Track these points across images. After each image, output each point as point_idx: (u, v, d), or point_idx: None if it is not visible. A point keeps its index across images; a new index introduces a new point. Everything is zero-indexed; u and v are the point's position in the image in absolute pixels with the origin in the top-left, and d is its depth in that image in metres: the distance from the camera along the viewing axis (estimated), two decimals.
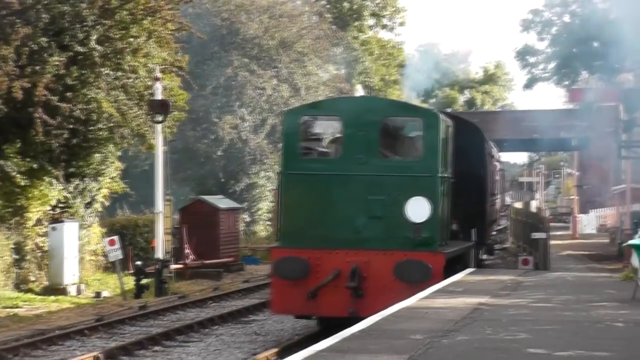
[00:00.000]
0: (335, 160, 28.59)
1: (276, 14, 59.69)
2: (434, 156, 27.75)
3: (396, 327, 18.69)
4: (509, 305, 22.86)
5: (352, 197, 27.49)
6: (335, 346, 16.54)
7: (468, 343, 17.16)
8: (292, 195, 28.05)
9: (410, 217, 27.07)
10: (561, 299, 24.44)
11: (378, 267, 26.89)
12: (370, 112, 28.07)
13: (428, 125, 28.08)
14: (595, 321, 20.40)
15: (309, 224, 27.75)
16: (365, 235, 27.35)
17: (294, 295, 26.89)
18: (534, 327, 19.20)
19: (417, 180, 27.57)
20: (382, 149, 28.05)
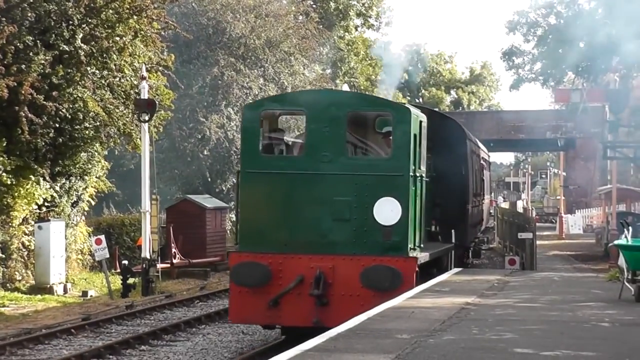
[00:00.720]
0: (299, 158, 25.91)
1: (262, 14, 59.71)
2: (404, 153, 24.98)
3: (383, 327, 18.72)
4: (496, 305, 22.93)
5: (316, 198, 24.86)
6: (321, 345, 16.59)
7: (454, 343, 17.22)
8: (251, 195, 25.49)
9: (379, 220, 24.49)
10: (547, 299, 24.51)
11: (344, 273, 24.30)
12: (336, 106, 25.26)
13: (398, 120, 25.21)
14: (582, 321, 20.47)
15: (270, 227, 25.08)
16: (331, 238, 24.76)
17: (253, 304, 24.25)
18: (520, 327, 19.28)
19: (387, 180, 24.90)
20: (349, 145, 25.47)
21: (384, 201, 24.15)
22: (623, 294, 24.09)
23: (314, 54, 70.41)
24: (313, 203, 24.60)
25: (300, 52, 67.42)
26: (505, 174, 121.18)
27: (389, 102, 28.75)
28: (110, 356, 26.89)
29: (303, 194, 24.68)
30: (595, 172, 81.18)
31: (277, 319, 24.26)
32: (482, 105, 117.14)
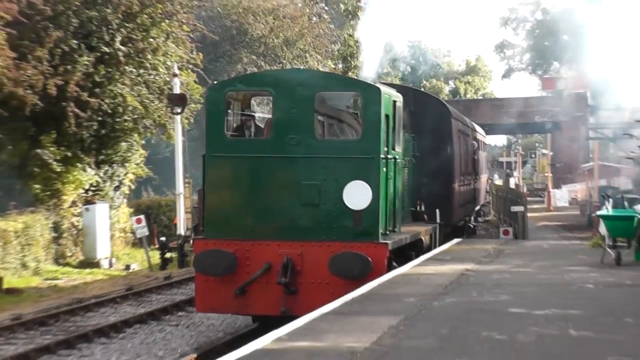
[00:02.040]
0: (265, 140, 21.76)
1: (280, 16, 59.58)
2: (375, 135, 21.01)
3: (392, 292, 18.77)
4: (492, 270, 22.96)
5: (284, 182, 21.05)
6: (338, 309, 16.64)
7: (456, 305, 17.25)
8: (216, 180, 21.56)
9: (349, 204, 20.64)
10: (538, 265, 24.56)
11: (313, 260, 20.50)
12: (303, 87, 21.24)
13: (368, 101, 21.22)
14: (568, 283, 20.55)
15: (237, 213, 21.24)
16: (299, 224, 20.94)
17: (220, 292, 20.68)
18: (514, 289, 19.33)
19: (357, 163, 20.92)
20: (317, 127, 21.66)
21: (354, 185, 20.44)
22: (605, 259, 24.15)
23: (326, 51, 70.20)
24: (281, 188, 20.97)
25: (314, 50, 67.30)
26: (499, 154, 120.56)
27: (358, 81, 24.02)
28: (151, 322, 26.92)
29: (270, 178, 21.03)
30: (579, 151, 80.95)
31: (245, 308, 20.83)
32: (477, 93, 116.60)
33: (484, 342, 13.51)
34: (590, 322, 15.26)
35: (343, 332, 14.22)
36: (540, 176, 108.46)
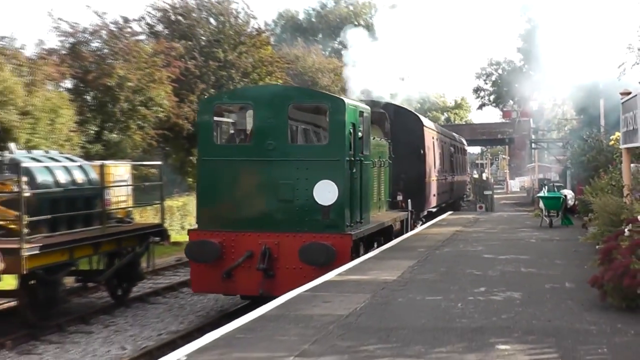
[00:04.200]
0: (247, 146, 17.83)
1: (339, 72, 59.44)
2: (340, 141, 17.07)
3: (410, 245, 18.88)
4: (472, 231, 22.96)
5: (263, 182, 17.23)
6: (377, 256, 16.86)
7: (450, 252, 17.39)
8: (207, 180, 17.75)
9: (318, 200, 16.89)
10: (501, 227, 24.51)
11: (287, 249, 16.84)
12: (279, 99, 17.54)
13: (334, 111, 17.25)
14: (520, 239, 20.53)
15: (224, 208, 17.42)
16: (276, 217, 17.15)
17: (210, 276, 17.25)
18: (486, 243, 19.34)
19: (325, 165, 17.05)
20: (291, 134, 17.92)
21: (322, 184, 16.72)
22: (542, 224, 24.14)
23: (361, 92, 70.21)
24: (260, 186, 17.15)
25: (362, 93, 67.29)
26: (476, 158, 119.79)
27: (326, 94, 20.45)
28: None
29: (251, 179, 17.23)
30: (525, 156, 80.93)
31: (232, 289, 17.34)
32: (462, 120, 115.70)
33: (467, 276, 13.65)
34: (534, 263, 15.34)
35: (379, 269, 14.39)
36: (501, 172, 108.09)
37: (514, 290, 11.93)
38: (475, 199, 49.83)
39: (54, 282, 15.89)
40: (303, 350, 8.27)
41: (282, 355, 8.11)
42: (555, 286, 12.41)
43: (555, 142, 53.82)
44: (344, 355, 8.07)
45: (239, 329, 9.38)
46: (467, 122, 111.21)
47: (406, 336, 8.86)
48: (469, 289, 12.09)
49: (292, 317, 10.04)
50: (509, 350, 8.21)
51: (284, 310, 10.50)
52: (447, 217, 29.56)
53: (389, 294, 11.74)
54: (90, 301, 18.91)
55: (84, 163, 18.48)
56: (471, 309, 10.51)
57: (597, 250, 12.99)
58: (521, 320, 9.71)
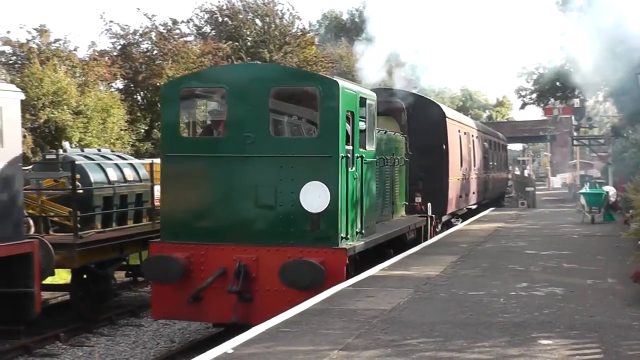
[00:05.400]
0: (220, 139, 13.88)
1: None
2: (333, 132, 13.09)
3: (452, 240, 18.80)
4: (514, 227, 22.83)
5: (239, 183, 13.31)
6: (420, 251, 16.81)
7: (492, 248, 17.29)
8: (172, 181, 13.74)
9: (305, 206, 13.00)
10: (543, 223, 24.33)
11: (269, 267, 12.92)
12: (258, 82, 13.48)
13: (326, 96, 13.20)
14: (562, 235, 20.38)
15: (192, 215, 13.55)
16: (255, 227, 13.22)
17: (174, 298, 13.28)
18: (528, 239, 19.23)
19: (314, 162, 13.10)
20: (273, 125, 13.77)
21: (311, 186, 12.90)
22: (584, 220, 23.93)
23: None
24: (235, 189, 13.29)
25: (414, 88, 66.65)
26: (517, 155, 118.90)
27: (315, 75, 16.55)
28: None
29: (225, 179, 13.40)
30: (567, 153, 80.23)
31: (200, 315, 13.43)
32: (503, 118, 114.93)
33: (509, 271, 13.55)
34: (575, 258, 15.20)
35: (423, 265, 14.33)
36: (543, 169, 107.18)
37: (556, 286, 11.82)
38: (517, 196, 49.36)
39: (105, 277, 16.02)
40: (347, 344, 8.24)
41: (326, 348, 8.09)
42: (597, 282, 12.28)
43: (597, 138, 53.25)
44: (388, 349, 8.03)
45: (284, 323, 9.39)
46: (509, 119, 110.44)
47: (448, 330, 8.80)
48: (511, 284, 11.99)
49: (336, 311, 10.02)
50: (551, 345, 8.11)
51: (328, 305, 10.48)
52: (488, 213, 29.35)
53: (432, 288, 11.68)
54: (140, 295, 19.02)
55: (134, 161, 18.66)
56: (513, 304, 10.41)
57: (639, 246, 12.84)
58: (563, 316, 9.60)
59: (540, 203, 41.48)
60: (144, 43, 33.83)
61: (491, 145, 34.49)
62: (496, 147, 36.78)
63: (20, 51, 29.54)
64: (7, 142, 13.69)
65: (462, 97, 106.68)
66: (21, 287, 13.97)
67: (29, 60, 28.33)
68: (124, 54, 32.92)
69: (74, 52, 30.16)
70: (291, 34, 40.99)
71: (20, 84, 24.05)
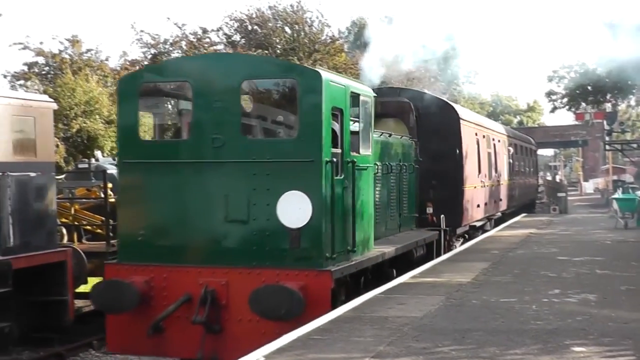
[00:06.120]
0: (185, 142, 11.94)
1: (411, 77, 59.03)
2: (315, 132, 11.00)
3: (483, 247, 18.67)
4: (546, 233, 22.64)
5: (206, 194, 11.30)
6: (451, 258, 16.71)
7: (524, 254, 17.12)
8: (130, 192, 11.76)
9: (283, 221, 10.94)
10: (575, 229, 24.11)
11: (240, 292, 10.93)
12: (228, 74, 11.38)
13: (307, 90, 11.13)
14: (595, 240, 20.18)
15: (153, 232, 11.55)
16: (225, 245, 11.28)
17: (131, 330, 11.34)
18: (560, 245, 19.05)
19: (293, 168, 11.03)
20: (246, 124, 12.05)
21: (289, 196, 10.85)
22: (617, 225, 23.77)
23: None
24: (202, 200, 11.31)
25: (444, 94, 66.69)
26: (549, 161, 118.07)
27: (294, 65, 14.51)
28: None
29: (190, 189, 11.39)
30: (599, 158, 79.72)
31: (161, 350, 11.40)
32: (534, 123, 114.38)
33: (541, 277, 13.44)
34: (609, 264, 15.06)
35: (454, 271, 14.25)
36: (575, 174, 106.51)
37: (589, 292, 11.70)
38: (549, 201, 49.02)
39: None
40: (378, 352, 8.21)
41: (358, 356, 8.05)
42: (631, 288, 12.15)
43: (629, 143, 52.83)
44: (419, 357, 7.99)
45: (316, 330, 9.37)
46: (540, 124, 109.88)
47: (480, 338, 8.74)
48: (543, 291, 11.89)
49: (367, 318, 9.98)
50: (585, 353, 8.02)
51: (359, 312, 10.44)
52: (520, 219, 29.15)
53: (463, 295, 11.61)
54: None
55: None
56: (546, 310, 10.32)
57: None
58: (597, 322, 9.49)
59: (573, 209, 41.22)
60: (175, 52, 34.10)
61: (517, 149, 32.16)
62: (524, 152, 34.86)
63: (53, 62, 29.91)
64: (40, 152, 13.88)
65: (492, 102, 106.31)
66: (54, 295, 14.15)
67: (61, 70, 28.67)
68: (154, 63, 33.21)
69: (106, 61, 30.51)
70: (320, 41, 41.07)
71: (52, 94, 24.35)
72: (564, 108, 68.41)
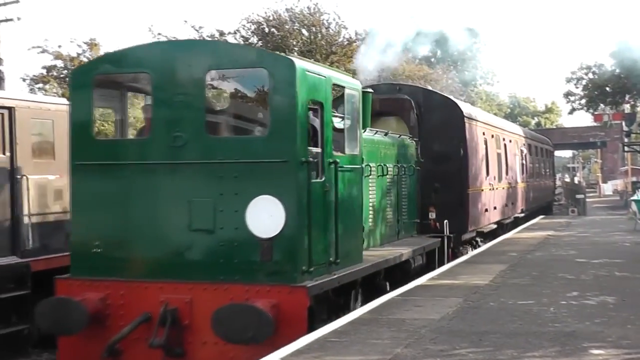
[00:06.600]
0: (144, 141, 10.77)
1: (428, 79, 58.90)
2: (288, 129, 9.58)
3: (501, 249, 18.64)
4: (564, 235, 22.58)
5: (168, 199, 9.99)
6: (468, 260, 16.72)
7: (542, 257, 17.11)
8: (84, 197, 10.42)
9: (253, 230, 9.55)
10: (593, 231, 24.03)
11: (205, 311, 9.48)
12: (191, 65, 10.00)
13: (278, 80, 9.64)
14: (613, 242, 20.11)
15: (110, 243, 10.24)
16: (188, 258, 9.92)
17: (84, 353, 10.02)
18: (578, 247, 19.01)
19: (264, 170, 9.62)
20: (211, 121, 10.78)
21: (260, 202, 9.54)
22: (636, 227, 23.65)
23: None
24: (163, 207, 10.03)
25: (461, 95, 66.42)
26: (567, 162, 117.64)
27: (264, 53, 12.01)
28: None
29: (149, 195, 10.10)
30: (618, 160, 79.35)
31: None
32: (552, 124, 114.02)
33: (560, 280, 13.41)
34: (628, 267, 15.03)
35: (471, 274, 14.24)
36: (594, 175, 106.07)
37: (607, 295, 11.66)
38: (567, 203, 48.84)
39: None
40: (396, 354, 8.20)
41: (375, 358, 8.04)
42: None
43: None
44: (437, 359, 7.99)
45: (333, 333, 9.37)
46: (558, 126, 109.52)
47: (498, 340, 8.72)
48: (561, 293, 11.86)
49: (384, 320, 9.97)
50: (603, 355, 7.99)
51: (377, 314, 10.44)
52: (538, 221, 29.08)
53: (481, 298, 11.59)
54: None
55: None
56: (564, 313, 10.29)
57: None
58: (615, 325, 9.46)
59: (591, 210, 41.08)
60: None
61: (532, 150, 30.87)
62: (539, 153, 33.54)
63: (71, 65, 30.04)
64: (59, 155, 13.95)
65: (510, 104, 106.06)
66: None
67: None
68: None
69: None
70: (337, 43, 41.08)
71: None
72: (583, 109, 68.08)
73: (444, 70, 61.88)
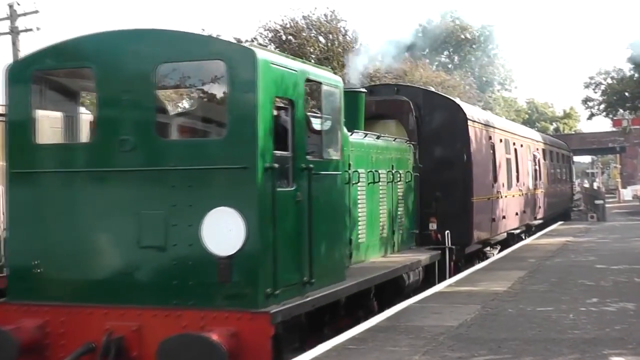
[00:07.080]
0: (88, 146, 9.10)
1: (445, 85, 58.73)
2: (247, 129, 8.07)
3: (520, 255, 18.59)
4: (584, 241, 22.48)
5: (114, 212, 8.51)
6: (486, 267, 16.70)
7: (561, 263, 17.05)
8: (21, 210, 8.93)
9: (210, 247, 8.05)
10: (613, 237, 23.90)
11: (155, 340, 7.85)
12: (139, 58, 8.55)
13: (236, 74, 8.17)
14: (633, 248, 20.03)
15: (50, 261, 8.72)
16: (137, 279, 8.45)
17: None
18: (598, 253, 18.93)
19: (222, 177, 8.21)
20: (162, 122, 9.21)
21: (217, 215, 8.05)
22: None
23: None
24: (107, 220, 8.61)
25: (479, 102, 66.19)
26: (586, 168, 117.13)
27: (221, 43, 9.14)
28: None
29: (94, 206, 8.67)
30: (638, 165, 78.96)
31: None
32: (571, 130, 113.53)
33: (579, 286, 13.34)
34: None
35: (489, 280, 14.20)
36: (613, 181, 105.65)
37: (627, 301, 11.58)
38: (587, 209, 48.52)
39: None
40: None
41: None
42: None
43: None
44: None
45: (351, 340, 9.36)
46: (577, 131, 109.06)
47: (517, 347, 8.67)
48: (580, 300, 11.79)
49: (402, 328, 9.95)
50: None
51: (395, 322, 10.42)
52: (557, 227, 28.95)
53: (499, 304, 11.54)
54: None
55: None
56: (583, 319, 10.23)
57: None
58: (635, 332, 9.38)
59: (611, 216, 40.77)
60: None
61: (547, 155, 29.28)
62: (555, 158, 32.00)
63: None
64: None
65: (528, 109, 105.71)
66: None
67: None
68: None
69: None
70: (354, 50, 41.12)
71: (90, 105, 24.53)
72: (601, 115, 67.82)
73: (462, 76, 61.71)
